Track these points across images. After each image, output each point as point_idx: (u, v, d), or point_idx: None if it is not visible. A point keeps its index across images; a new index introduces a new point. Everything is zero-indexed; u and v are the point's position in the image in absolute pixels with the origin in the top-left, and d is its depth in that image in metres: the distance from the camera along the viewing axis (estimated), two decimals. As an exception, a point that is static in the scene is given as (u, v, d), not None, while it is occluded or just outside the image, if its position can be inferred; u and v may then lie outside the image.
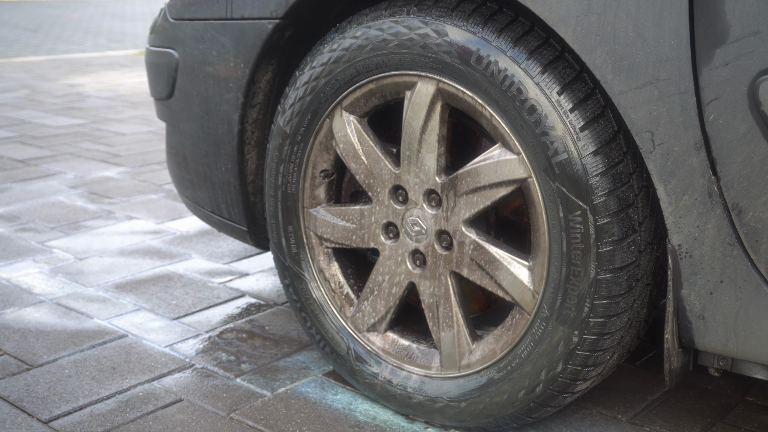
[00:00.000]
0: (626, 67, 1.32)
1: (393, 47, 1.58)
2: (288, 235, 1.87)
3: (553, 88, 1.41)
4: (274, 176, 1.84)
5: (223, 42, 1.87)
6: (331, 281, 1.86)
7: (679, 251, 1.37)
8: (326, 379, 1.96)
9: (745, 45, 1.22)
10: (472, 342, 1.66)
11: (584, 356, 1.50)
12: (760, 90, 1.21)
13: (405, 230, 1.68)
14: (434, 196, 1.63)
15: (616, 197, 1.40)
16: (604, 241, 1.41)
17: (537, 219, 1.50)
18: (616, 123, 1.42)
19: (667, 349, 1.44)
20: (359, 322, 1.81)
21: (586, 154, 1.40)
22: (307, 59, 1.73)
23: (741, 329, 1.35)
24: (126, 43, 11.27)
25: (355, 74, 1.65)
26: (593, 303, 1.45)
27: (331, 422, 1.76)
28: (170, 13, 2.05)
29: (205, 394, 1.88)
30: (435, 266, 1.66)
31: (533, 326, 1.54)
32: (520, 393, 1.58)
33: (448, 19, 1.50)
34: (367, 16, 1.63)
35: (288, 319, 2.31)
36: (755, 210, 1.28)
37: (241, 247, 2.95)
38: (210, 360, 2.05)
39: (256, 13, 1.79)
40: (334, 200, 1.85)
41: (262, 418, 1.78)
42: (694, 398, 1.87)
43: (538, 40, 1.45)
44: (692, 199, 1.33)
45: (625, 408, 1.82)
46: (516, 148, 1.49)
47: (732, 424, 1.76)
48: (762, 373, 1.43)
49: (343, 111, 1.71)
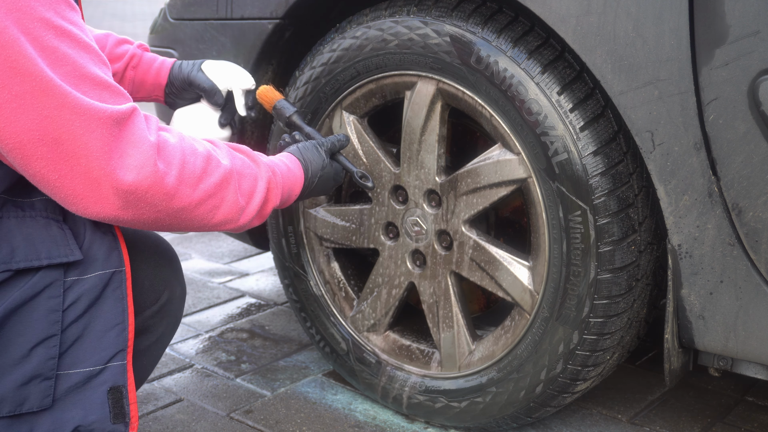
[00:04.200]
0: (626, 67, 1.32)
1: (393, 47, 1.58)
2: (288, 235, 1.87)
3: (553, 88, 1.41)
4: (274, 176, 1.84)
5: (223, 42, 1.87)
6: (331, 281, 1.86)
7: (679, 251, 1.37)
8: (326, 379, 1.96)
9: (745, 45, 1.21)
10: (472, 342, 1.66)
11: (584, 356, 1.50)
12: (760, 90, 1.21)
13: (405, 230, 1.68)
14: (434, 196, 1.63)
15: (616, 197, 1.40)
16: (604, 242, 1.41)
17: (537, 219, 1.50)
18: (616, 123, 1.42)
19: (667, 349, 1.44)
20: (359, 322, 1.81)
21: (586, 154, 1.40)
22: (307, 59, 1.73)
23: (741, 329, 1.35)
24: (126, 43, 11.22)
25: (356, 74, 1.65)
26: (593, 303, 1.45)
27: (331, 422, 1.76)
28: (170, 13, 2.05)
29: (205, 394, 1.88)
30: (435, 266, 1.66)
31: (533, 326, 1.54)
32: (520, 393, 1.58)
33: (448, 19, 1.50)
34: (367, 16, 1.63)
35: (288, 319, 2.31)
36: (755, 210, 1.28)
37: (241, 247, 2.95)
38: (210, 360, 2.05)
39: (256, 13, 1.79)
40: (334, 200, 1.85)
41: (262, 418, 1.78)
42: (694, 398, 1.87)
43: (538, 40, 1.45)
44: (692, 199, 1.33)
45: (625, 408, 1.82)
46: (516, 148, 1.49)
47: (732, 424, 1.76)
48: (762, 373, 1.43)
49: (343, 111, 1.71)
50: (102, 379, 1.18)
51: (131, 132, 1.11)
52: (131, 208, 1.12)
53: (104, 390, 1.18)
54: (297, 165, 1.44)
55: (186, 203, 1.17)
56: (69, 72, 1.06)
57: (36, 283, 1.14)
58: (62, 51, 1.06)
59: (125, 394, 1.20)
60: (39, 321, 1.14)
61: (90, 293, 1.18)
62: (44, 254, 1.15)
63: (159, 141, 1.14)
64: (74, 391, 1.17)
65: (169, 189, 1.14)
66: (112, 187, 1.09)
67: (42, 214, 1.18)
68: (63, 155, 1.07)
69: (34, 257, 1.14)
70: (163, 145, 1.15)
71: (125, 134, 1.10)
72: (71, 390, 1.17)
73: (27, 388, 1.14)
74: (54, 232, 1.17)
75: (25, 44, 1.02)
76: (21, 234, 1.15)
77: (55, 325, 1.15)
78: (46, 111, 1.04)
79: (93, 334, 1.18)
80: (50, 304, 1.14)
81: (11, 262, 1.13)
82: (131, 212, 1.12)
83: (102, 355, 1.18)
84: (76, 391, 1.17)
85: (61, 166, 1.07)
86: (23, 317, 1.13)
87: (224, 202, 1.23)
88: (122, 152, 1.09)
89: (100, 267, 1.19)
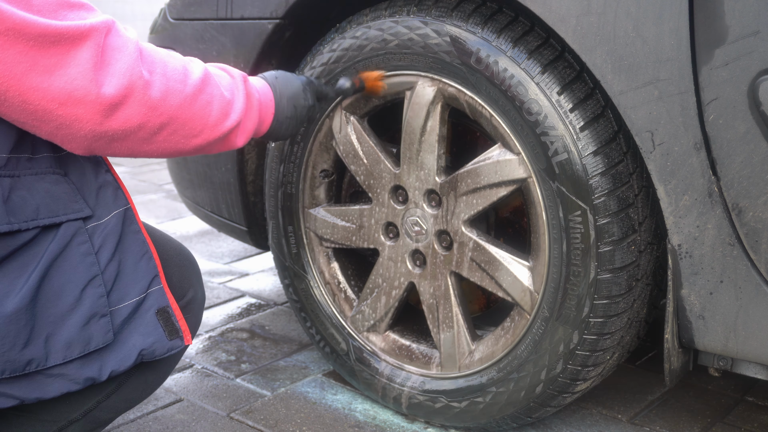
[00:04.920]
0: (626, 67, 1.32)
1: (393, 47, 1.58)
2: (288, 235, 1.87)
3: (553, 88, 1.41)
4: (274, 176, 1.84)
5: (223, 42, 1.87)
6: (331, 281, 1.86)
7: (679, 251, 1.37)
8: (326, 379, 1.96)
9: (745, 45, 1.21)
10: (472, 342, 1.66)
11: (584, 356, 1.50)
12: (760, 90, 1.21)
13: (405, 230, 1.68)
14: (434, 197, 1.63)
15: (616, 197, 1.40)
16: (604, 242, 1.41)
17: (537, 219, 1.50)
18: (616, 123, 1.42)
19: (667, 349, 1.44)
20: (359, 322, 1.81)
21: (586, 154, 1.40)
22: (307, 59, 1.73)
23: (741, 329, 1.35)
24: (126, 43, 11.21)
25: (356, 74, 1.65)
26: (593, 303, 1.45)
27: (330, 422, 1.76)
28: (170, 13, 2.05)
29: (205, 394, 1.88)
30: (435, 266, 1.66)
31: (533, 326, 1.54)
32: (520, 393, 1.58)
33: (448, 19, 1.50)
34: (367, 16, 1.63)
35: (288, 319, 2.31)
36: (755, 210, 1.28)
37: (241, 247, 2.95)
38: (210, 360, 2.05)
39: (256, 13, 1.79)
40: (334, 200, 1.85)
41: (262, 418, 1.78)
42: (694, 398, 1.87)
43: (538, 40, 1.45)
44: (692, 199, 1.33)
45: (625, 408, 1.82)
46: (516, 149, 1.49)
47: (732, 424, 1.76)
48: (762, 373, 1.43)
49: (343, 111, 1.71)
50: (148, 305, 1.30)
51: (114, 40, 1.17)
52: (120, 113, 1.17)
53: (152, 314, 1.30)
54: (263, 82, 1.48)
55: (180, 99, 1.24)
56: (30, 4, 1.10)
57: (63, 235, 1.22)
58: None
59: (171, 312, 1.32)
60: (79, 266, 1.23)
61: (113, 234, 1.27)
62: (61, 211, 1.22)
63: (140, 47, 1.21)
64: (129, 322, 1.28)
65: (160, 88, 1.21)
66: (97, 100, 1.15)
67: (50, 170, 1.23)
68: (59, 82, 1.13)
69: (55, 213, 1.22)
70: (144, 52, 1.21)
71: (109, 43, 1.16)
72: (126, 322, 1.28)
73: (88, 327, 1.24)
74: (64, 188, 1.24)
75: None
76: (39, 191, 1.21)
77: (94, 267, 1.24)
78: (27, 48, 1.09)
79: (128, 269, 1.28)
80: (82, 250, 1.23)
81: (38, 219, 1.20)
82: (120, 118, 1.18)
83: (141, 284, 1.29)
84: (130, 322, 1.28)
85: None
86: (64, 266, 1.22)
87: (213, 98, 1.30)
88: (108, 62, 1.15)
89: (113, 208, 1.28)
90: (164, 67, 1.23)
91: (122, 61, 1.16)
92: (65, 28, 1.10)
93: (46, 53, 1.09)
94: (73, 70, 1.11)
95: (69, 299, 1.22)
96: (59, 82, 1.11)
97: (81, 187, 1.26)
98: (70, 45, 1.11)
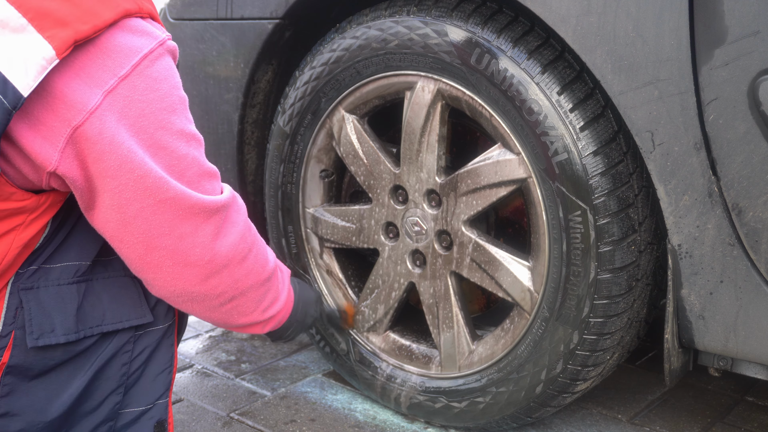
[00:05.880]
0: (626, 67, 1.32)
1: (393, 47, 1.58)
2: (288, 235, 1.87)
3: (553, 88, 1.41)
4: (274, 176, 1.84)
5: (223, 42, 1.87)
6: (331, 281, 1.86)
7: (679, 251, 1.37)
8: (326, 379, 1.96)
9: (744, 45, 1.21)
10: (472, 342, 1.66)
11: (584, 356, 1.50)
12: (760, 90, 1.21)
13: (405, 230, 1.68)
14: (434, 197, 1.63)
15: (616, 197, 1.40)
16: (604, 241, 1.41)
17: (537, 219, 1.50)
18: (616, 123, 1.42)
19: (667, 349, 1.44)
20: (359, 323, 1.81)
21: (586, 154, 1.40)
22: (307, 59, 1.73)
23: (741, 329, 1.35)
24: (126, 43, 11.21)
25: (356, 74, 1.65)
26: (593, 303, 1.45)
27: (330, 422, 1.76)
28: (170, 13, 2.05)
29: (205, 394, 1.88)
30: (435, 266, 1.66)
31: (533, 326, 1.54)
32: (520, 393, 1.58)
33: (448, 20, 1.50)
34: (368, 16, 1.63)
35: (288, 319, 2.31)
36: (755, 210, 1.28)
37: (241, 247, 2.94)
38: (210, 360, 2.05)
39: (256, 13, 1.79)
40: (334, 200, 1.85)
41: (262, 418, 1.78)
42: (694, 398, 1.87)
43: (538, 40, 1.45)
44: (692, 199, 1.33)
45: (625, 408, 1.82)
46: (516, 149, 1.49)
47: (732, 424, 1.76)
48: (762, 373, 1.43)
49: (343, 111, 1.71)
50: (150, 414, 1.33)
51: (233, 216, 1.24)
52: (214, 280, 1.23)
53: (152, 424, 1.33)
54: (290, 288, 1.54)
55: (255, 281, 1.30)
56: (183, 174, 1.16)
57: (117, 343, 1.26)
58: (178, 153, 1.15)
59: (167, 425, 1.36)
60: (114, 375, 1.27)
61: (152, 344, 1.31)
62: (125, 317, 1.26)
63: (248, 224, 1.28)
64: (128, 427, 1.32)
65: (248, 266, 1.27)
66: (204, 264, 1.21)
67: (121, 273, 1.28)
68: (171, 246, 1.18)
69: (119, 320, 1.25)
70: (247, 229, 1.28)
71: (229, 217, 1.23)
72: (126, 426, 1.31)
73: (96, 430, 1.28)
74: (131, 292, 1.29)
75: (146, 158, 1.11)
76: (108, 296, 1.25)
77: (124, 377, 1.28)
78: (167, 215, 1.15)
79: (148, 378, 1.32)
80: (123, 359, 1.27)
81: (102, 325, 1.23)
82: (212, 284, 1.23)
83: (153, 395, 1.33)
84: (129, 427, 1.32)
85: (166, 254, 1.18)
86: (106, 373, 1.26)
87: (272, 287, 1.38)
88: (225, 234, 1.22)
89: (162, 321, 1.32)
90: (257, 249, 1.29)
91: (233, 235, 1.23)
92: (208, 203, 1.17)
93: (186, 222, 1.16)
94: (198, 239, 1.18)
95: (93, 404, 1.26)
96: (183, 246, 1.17)
97: (146, 291, 1.29)
98: (205, 217, 1.18)
